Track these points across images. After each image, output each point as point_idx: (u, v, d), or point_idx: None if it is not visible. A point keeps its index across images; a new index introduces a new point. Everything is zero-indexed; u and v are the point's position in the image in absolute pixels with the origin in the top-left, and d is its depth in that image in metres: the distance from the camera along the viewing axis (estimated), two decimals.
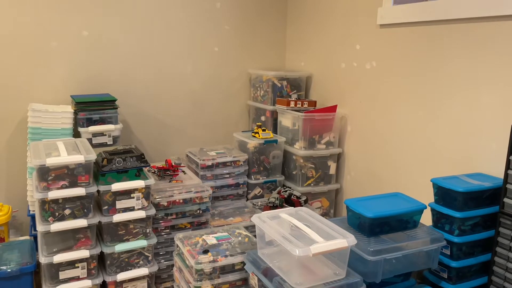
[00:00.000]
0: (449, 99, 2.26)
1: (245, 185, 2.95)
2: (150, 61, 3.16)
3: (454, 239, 1.90)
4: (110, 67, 3.04)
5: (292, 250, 1.53)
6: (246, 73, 3.52)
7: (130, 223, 2.21)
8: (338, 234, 1.66)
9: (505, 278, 1.86)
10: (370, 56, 2.74)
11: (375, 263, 1.71)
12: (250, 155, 2.95)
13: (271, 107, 3.22)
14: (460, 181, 1.96)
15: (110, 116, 2.72)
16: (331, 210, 3.12)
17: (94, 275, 2.17)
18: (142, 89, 3.17)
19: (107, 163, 2.14)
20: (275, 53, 3.61)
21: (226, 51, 3.41)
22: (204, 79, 3.37)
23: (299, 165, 2.94)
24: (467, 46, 2.14)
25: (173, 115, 3.31)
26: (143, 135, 3.23)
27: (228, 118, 3.53)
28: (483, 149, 2.11)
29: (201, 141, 3.43)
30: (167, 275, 2.48)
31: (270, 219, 1.81)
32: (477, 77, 2.11)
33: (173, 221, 2.45)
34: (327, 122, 2.96)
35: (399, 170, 2.59)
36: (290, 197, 2.78)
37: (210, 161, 2.83)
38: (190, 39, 3.26)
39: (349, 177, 3.02)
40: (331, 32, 3.09)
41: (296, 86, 3.31)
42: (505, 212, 1.84)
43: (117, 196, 2.16)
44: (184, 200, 2.45)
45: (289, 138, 3.04)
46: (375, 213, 1.78)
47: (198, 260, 1.85)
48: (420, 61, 2.40)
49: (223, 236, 2.08)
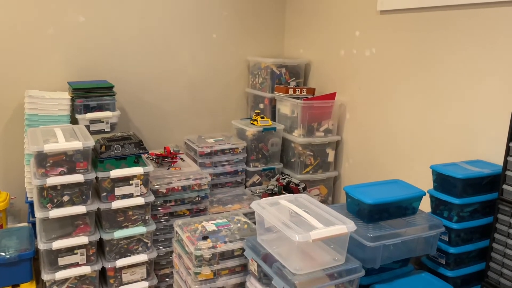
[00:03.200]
0: (449, 86, 2.25)
1: (243, 172, 2.95)
2: (147, 48, 3.13)
3: (453, 226, 1.91)
4: (108, 54, 3.01)
5: (291, 236, 1.53)
6: (245, 60, 3.49)
7: (129, 209, 2.21)
8: (337, 220, 1.66)
9: (503, 264, 1.87)
10: (369, 43, 2.72)
11: (374, 249, 1.71)
12: (249, 143, 2.94)
13: (270, 94, 3.21)
14: (460, 168, 1.96)
15: (107, 103, 2.70)
16: (329, 197, 3.12)
17: (93, 261, 2.17)
18: (139, 76, 3.14)
19: (105, 149, 2.12)
20: (273, 40, 3.58)
21: (224, 38, 3.38)
22: (202, 66, 3.35)
23: (298, 152, 2.94)
24: (468, 33, 2.13)
25: (171, 103, 3.29)
26: (141, 122, 3.22)
27: (227, 105, 3.52)
28: (483, 136, 2.10)
29: (199, 128, 3.42)
30: (166, 261, 2.48)
31: (269, 205, 1.81)
32: (478, 63, 2.10)
33: (172, 208, 2.45)
34: (326, 110, 2.94)
35: (398, 157, 2.59)
36: (289, 185, 2.78)
37: (208, 149, 2.82)
38: (188, 26, 3.23)
39: (348, 165, 3.02)
40: (330, 19, 3.06)
41: (295, 74, 3.29)
42: (504, 198, 1.85)
43: (116, 182, 2.15)
44: (183, 187, 2.44)
45: (287, 125, 3.03)
46: (374, 200, 1.78)
47: (197, 246, 1.86)
48: (421, 48, 2.38)
49: (223, 223, 2.08)
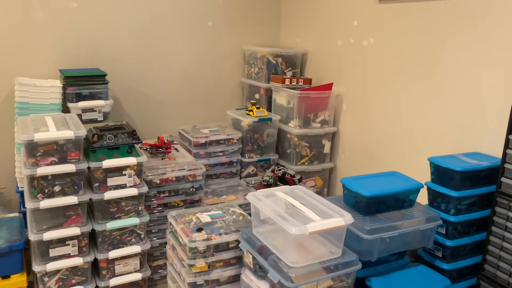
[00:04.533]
0: (448, 77, 2.22)
1: (238, 163, 2.91)
2: (141, 36, 3.06)
3: (450, 218, 1.89)
4: (101, 41, 2.94)
5: (288, 228, 1.51)
6: (240, 49, 3.44)
7: (122, 200, 2.17)
8: (334, 213, 1.64)
9: (500, 257, 1.86)
10: (368, 32, 2.68)
11: (371, 242, 1.69)
12: (244, 133, 2.90)
13: (266, 84, 3.16)
14: (458, 160, 1.94)
15: (100, 91, 2.65)
16: (325, 189, 3.10)
17: (85, 252, 2.14)
18: (133, 65, 3.08)
19: (97, 139, 2.08)
20: (270, 29, 3.52)
21: (220, 26, 3.32)
22: (197, 55, 3.29)
23: (294, 143, 2.90)
24: (467, 23, 2.09)
25: (165, 92, 3.24)
26: (135, 111, 3.16)
27: (222, 95, 3.47)
28: (481, 128, 2.08)
29: (194, 118, 3.37)
30: (159, 253, 2.45)
31: (265, 197, 1.78)
32: (477, 55, 2.07)
33: (165, 199, 2.41)
34: (323, 100, 2.91)
35: (395, 149, 2.57)
36: (284, 176, 2.75)
37: (203, 139, 2.78)
38: (183, 13, 3.16)
39: (344, 156, 3.00)
40: (328, 8, 3.01)
41: (291, 63, 3.24)
42: (502, 191, 1.83)
43: (108, 173, 2.11)
44: (177, 178, 2.40)
45: (283, 116, 2.99)
46: (371, 192, 1.76)
47: (192, 238, 1.82)
48: (420, 39, 2.34)
49: (217, 214, 2.05)
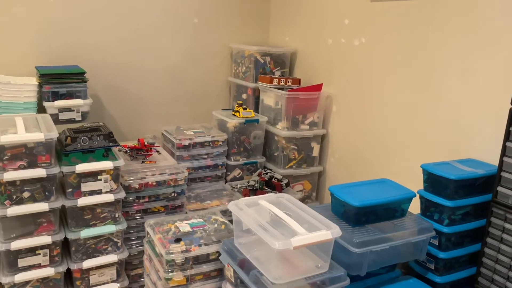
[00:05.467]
0: (442, 80, 2.12)
1: (224, 166, 2.80)
2: (123, 32, 2.92)
3: (443, 229, 1.80)
4: (80, 37, 2.80)
5: (271, 243, 1.39)
6: (227, 48, 3.31)
7: (97, 207, 2.04)
8: (321, 225, 1.53)
9: (495, 270, 1.77)
10: (359, 32, 2.58)
11: (360, 255, 1.59)
12: (230, 135, 2.78)
13: (253, 84, 3.04)
14: (452, 168, 1.84)
15: (78, 90, 2.51)
16: (313, 193, 2.99)
17: (58, 262, 2.01)
18: (115, 62, 2.94)
19: (71, 141, 1.95)
20: (258, 26, 3.40)
21: (206, 23, 3.19)
22: (183, 52, 3.16)
23: (281, 146, 2.79)
24: (462, 24, 2.00)
25: (149, 90, 3.11)
26: (116, 111, 3.03)
27: (208, 95, 3.34)
28: (476, 134, 1.99)
29: (178, 118, 3.24)
30: (139, 261, 2.33)
31: (248, 206, 1.66)
32: (473, 58, 1.97)
33: (145, 205, 2.29)
34: (312, 102, 2.80)
35: (386, 154, 2.47)
36: (271, 180, 2.64)
37: (186, 141, 2.65)
38: (167, 9, 3.03)
39: (333, 160, 2.89)
40: (318, 6, 2.90)
41: (280, 63, 3.13)
42: (498, 201, 1.73)
43: (83, 178, 1.98)
44: (157, 183, 2.28)
45: (271, 117, 2.88)
46: (361, 202, 1.65)
47: (169, 250, 1.70)
48: (413, 39, 2.24)
49: (198, 223, 1.93)
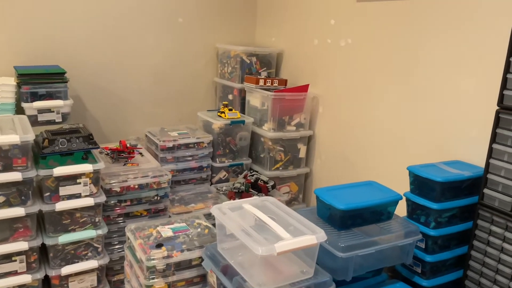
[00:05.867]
0: (428, 81, 2.10)
1: (209, 168, 2.74)
2: (106, 31, 2.86)
3: (430, 232, 1.77)
4: (61, 36, 2.72)
5: (254, 248, 1.35)
6: (213, 48, 3.26)
7: (76, 211, 1.98)
8: (306, 229, 1.49)
9: (482, 274, 1.75)
10: (345, 32, 2.55)
11: (346, 259, 1.55)
12: (215, 136, 2.73)
13: (239, 85, 3.00)
14: (438, 170, 1.82)
15: (59, 90, 2.44)
16: (300, 195, 2.96)
17: (35, 269, 1.94)
18: (97, 62, 2.88)
19: (48, 144, 1.88)
20: (244, 27, 3.36)
21: (191, 22, 3.14)
22: (167, 52, 3.11)
23: (268, 147, 2.75)
24: (449, 26, 1.98)
25: (132, 91, 3.04)
26: (98, 112, 2.96)
27: (193, 95, 3.29)
28: (463, 135, 1.97)
29: (163, 119, 3.18)
30: (120, 266, 2.27)
31: (231, 210, 1.62)
32: (459, 59, 1.95)
33: (127, 209, 2.23)
34: (298, 103, 2.76)
35: (373, 155, 2.44)
36: (257, 182, 2.60)
37: (171, 143, 2.60)
38: (151, 8, 2.97)
39: (320, 161, 2.86)
40: (304, 6, 2.86)
41: (266, 63, 3.09)
42: (484, 203, 1.72)
43: (61, 181, 1.91)
44: (139, 186, 2.22)
45: (257, 118, 2.84)
46: (347, 205, 1.62)
47: (150, 256, 1.65)
48: (399, 40, 2.22)
49: (181, 227, 1.88)
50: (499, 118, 1.65)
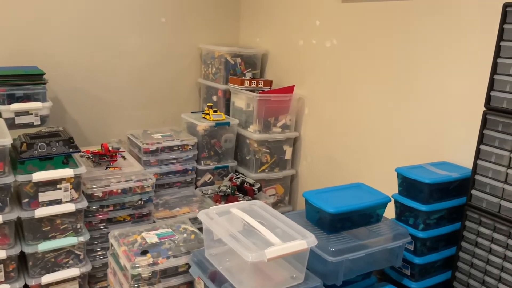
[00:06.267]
0: (415, 82, 2.10)
1: (193, 171, 2.69)
2: (86, 30, 2.78)
3: (419, 234, 1.77)
4: (39, 36, 2.64)
5: (244, 255, 1.31)
6: (197, 48, 3.22)
7: (56, 218, 1.90)
8: (296, 234, 1.46)
9: (470, 275, 1.75)
10: (330, 33, 2.53)
11: (336, 264, 1.53)
12: (200, 139, 2.68)
13: (224, 86, 2.96)
14: (426, 171, 1.82)
15: (37, 92, 2.36)
16: (286, 197, 2.93)
17: (14, 278, 1.86)
18: (77, 62, 2.80)
19: (26, 148, 1.80)
20: (228, 27, 3.32)
21: (174, 22, 3.08)
22: (150, 52, 3.04)
23: (253, 149, 2.72)
24: (435, 26, 1.98)
25: (114, 93, 2.97)
26: (79, 114, 2.87)
27: (177, 96, 3.23)
28: (450, 136, 1.97)
29: (146, 121, 3.12)
30: (103, 273, 2.20)
31: (219, 215, 1.58)
32: (446, 60, 1.95)
33: (110, 214, 2.16)
34: (284, 104, 2.74)
35: (359, 156, 2.43)
36: (243, 185, 2.56)
37: (154, 145, 2.54)
38: (133, 7, 2.91)
39: (306, 163, 2.84)
40: (289, 6, 2.84)
41: (251, 64, 3.05)
42: (472, 204, 1.72)
43: (40, 187, 1.84)
44: (122, 190, 2.16)
45: (242, 120, 2.80)
46: (336, 208, 1.59)
47: (134, 264, 1.60)
48: (385, 41, 2.21)
49: (166, 233, 1.83)
50: (486, 119, 1.65)
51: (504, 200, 1.61)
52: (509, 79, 1.57)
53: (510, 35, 1.55)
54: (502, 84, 1.59)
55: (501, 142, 1.61)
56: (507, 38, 1.57)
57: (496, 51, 1.60)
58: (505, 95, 1.59)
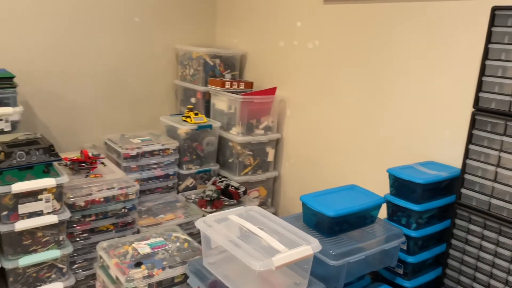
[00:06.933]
0: (398, 82, 2.13)
1: (175, 176, 2.62)
2: (57, 31, 2.64)
3: (412, 233, 1.79)
4: (6, 36, 2.48)
5: (251, 264, 1.28)
6: (173, 49, 3.13)
7: (38, 230, 1.79)
8: (299, 239, 1.44)
9: (461, 272, 1.79)
10: (313, 34, 2.53)
11: (338, 267, 1.52)
12: (181, 142, 2.61)
13: (203, 87, 2.90)
14: (417, 171, 1.84)
15: (7, 96, 2.21)
16: (269, 199, 2.91)
17: None
18: (47, 65, 2.65)
19: (5, 157, 1.68)
20: (204, 27, 3.26)
21: (148, 22, 2.99)
22: (123, 53, 2.93)
23: (236, 152, 2.68)
24: (418, 26, 2.01)
25: (87, 96, 2.84)
26: (50, 119, 2.73)
27: (152, 99, 3.14)
28: (435, 136, 2.01)
29: (120, 125, 3.00)
30: (86, 286, 2.10)
31: (217, 222, 1.53)
32: (430, 60, 1.99)
33: (92, 224, 2.06)
34: (266, 106, 2.71)
35: (342, 157, 2.44)
36: (227, 188, 2.52)
37: (134, 150, 2.45)
38: (105, 7, 2.79)
39: (288, 164, 2.83)
40: (268, 7, 2.81)
41: (230, 65, 3.01)
42: (462, 203, 1.76)
43: (20, 198, 1.72)
44: (105, 199, 2.07)
45: (224, 122, 2.75)
46: (336, 211, 1.58)
47: (129, 277, 1.52)
48: (368, 42, 2.23)
49: (158, 243, 1.76)
50: (475, 120, 1.70)
51: (494, 198, 1.66)
52: (498, 81, 1.62)
53: (498, 37, 1.60)
54: (491, 85, 1.64)
55: (490, 141, 1.66)
56: (495, 40, 1.61)
57: (485, 54, 1.64)
58: (494, 96, 1.63)
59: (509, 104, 1.59)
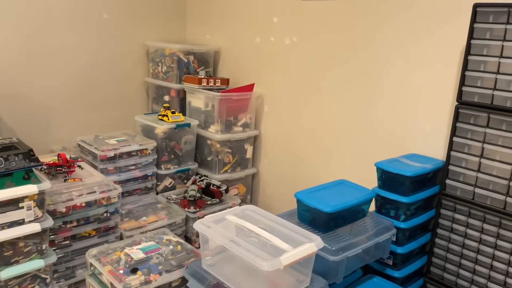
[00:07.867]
0: (379, 77, 2.17)
1: (154, 176, 2.55)
2: (20, 29, 2.49)
3: (401, 225, 1.84)
4: None
5: (259, 264, 1.26)
6: (142, 46, 3.04)
7: (19, 240, 1.68)
8: (301, 237, 1.44)
9: (446, 259, 1.87)
10: (290, 30, 2.53)
11: (338, 262, 1.53)
12: (159, 142, 2.54)
13: (177, 85, 2.83)
14: (403, 164, 1.89)
15: None
16: (248, 196, 2.90)
17: None
18: (12, 64, 2.50)
19: None
20: (174, 23, 3.18)
21: (117, 18, 2.88)
22: (91, 51, 2.81)
23: (215, 150, 2.64)
24: (398, 21, 2.06)
25: (54, 96, 2.70)
26: (15, 121, 2.57)
27: (123, 98, 3.03)
28: (416, 129, 2.07)
29: (90, 126, 2.89)
30: None
31: (215, 223, 1.50)
32: (410, 54, 2.04)
33: (74, 230, 1.97)
34: (244, 102, 2.69)
35: (321, 153, 2.47)
36: (209, 187, 2.48)
37: (111, 152, 2.36)
38: (72, 2, 2.66)
39: (267, 161, 2.83)
40: (242, 2, 2.79)
41: (203, 62, 2.96)
42: (446, 193, 1.83)
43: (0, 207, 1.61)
44: (87, 203, 1.97)
45: (201, 120, 2.71)
46: (332, 207, 1.60)
47: (126, 284, 1.46)
48: (347, 37, 2.26)
49: (151, 247, 1.70)
50: (459, 113, 1.77)
51: (478, 187, 1.74)
52: (480, 75, 1.69)
53: (480, 33, 1.67)
54: (473, 79, 1.71)
55: (473, 133, 1.74)
56: (477, 36, 1.68)
57: (467, 49, 1.71)
58: (476, 90, 1.70)
59: (491, 98, 1.66)
